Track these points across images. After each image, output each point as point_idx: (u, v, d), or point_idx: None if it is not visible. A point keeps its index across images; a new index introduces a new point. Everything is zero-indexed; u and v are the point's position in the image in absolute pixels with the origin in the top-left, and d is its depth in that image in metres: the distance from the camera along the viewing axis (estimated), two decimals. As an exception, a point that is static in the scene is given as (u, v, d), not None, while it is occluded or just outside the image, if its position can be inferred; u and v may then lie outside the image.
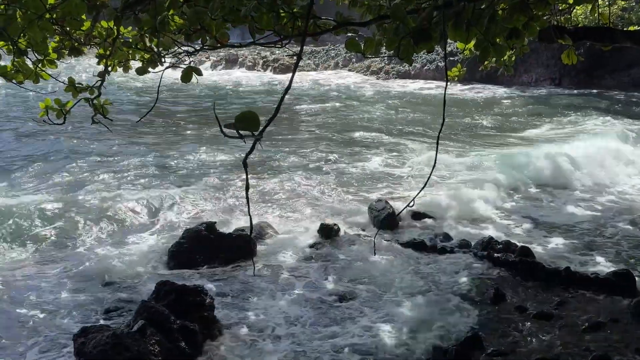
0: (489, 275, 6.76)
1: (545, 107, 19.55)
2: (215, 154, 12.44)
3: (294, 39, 2.94)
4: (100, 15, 3.69)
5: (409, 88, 24.82)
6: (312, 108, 19.34)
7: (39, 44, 3.42)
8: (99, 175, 10.72)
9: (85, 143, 13.21)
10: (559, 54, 4.39)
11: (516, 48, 4.86)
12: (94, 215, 8.54)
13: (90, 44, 4.12)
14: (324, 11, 3.82)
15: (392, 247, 7.58)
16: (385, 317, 5.81)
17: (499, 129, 16.05)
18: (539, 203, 9.63)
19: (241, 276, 6.78)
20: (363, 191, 10.05)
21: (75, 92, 3.86)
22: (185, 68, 2.93)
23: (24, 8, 3.11)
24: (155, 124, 15.94)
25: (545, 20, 4.06)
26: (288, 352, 5.23)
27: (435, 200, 9.27)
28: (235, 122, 1.47)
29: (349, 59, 30.96)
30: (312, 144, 13.75)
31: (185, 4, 3.16)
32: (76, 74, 4.07)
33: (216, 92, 23.44)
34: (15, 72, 3.82)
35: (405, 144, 13.85)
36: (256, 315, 5.87)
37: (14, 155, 12.30)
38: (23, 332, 5.54)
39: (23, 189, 9.93)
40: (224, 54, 32.35)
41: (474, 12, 2.49)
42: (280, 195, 9.70)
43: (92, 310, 5.95)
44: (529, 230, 8.34)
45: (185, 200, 9.22)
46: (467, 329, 5.52)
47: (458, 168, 11.48)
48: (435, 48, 2.72)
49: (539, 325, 5.60)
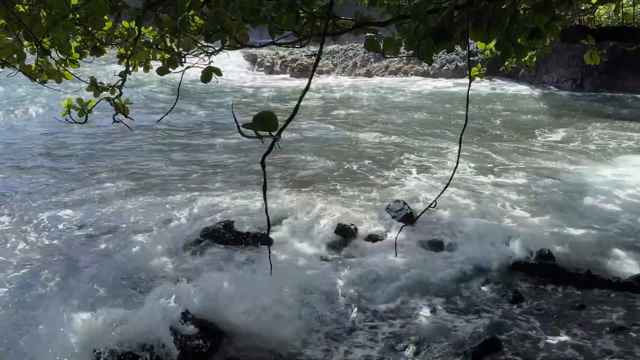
0: (508, 277, 6.70)
1: (566, 110, 19.26)
2: (234, 153, 12.52)
3: (313, 38, 2.94)
4: (122, 15, 3.74)
5: (428, 87, 24.66)
6: (328, 108, 19.34)
7: (62, 43, 3.48)
8: (115, 174, 10.86)
9: (103, 140, 13.40)
10: (581, 54, 4.33)
11: (538, 48, 4.80)
12: (109, 214, 8.64)
13: (112, 44, 4.18)
14: (343, 11, 3.82)
15: (409, 248, 7.55)
16: (402, 319, 5.79)
17: (517, 131, 15.85)
18: (559, 203, 9.48)
19: (257, 275, 6.79)
20: (380, 191, 10.01)
21: (97, 91, 3.91)
22: (205, 68, 2.95)
23: (48, 8, 3.16)
24: (174, 123, 16.08)
25: (567, 19, 3.99)
26: (301, 351, 5.23)
27: (453, 201, 9.21)
28: (253, 122, 1.47)
29: (367, 58, 30.86)
30: (329, 144, 13.75)
31: (205, 5, 3.19)
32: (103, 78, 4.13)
33: (235, 91, 23.58)
34: (39, 72, 3.89)
35: (424, 144, 13.78)
36: (271, 314, 5.88)
37: (32, 151, 12.52)
38: (32, 329, 5.63)
39: (38, 190, 10.10)
40: (243, 54, 32.48)
41: (495, 12, 2.47)
42: (297, 195, 9.72)
43: (108, 307, 6.01)
44: (549, 232, 8.23)
45: (203, 200, 9.28)
46: (485, 332, 5.47)
47: (477, 170, 11.39)
48: (455, 48, 2.70)
49: (558, 328, 5.53)
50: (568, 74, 24.43)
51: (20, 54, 3.50)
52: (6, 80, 16.75)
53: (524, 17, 2.66)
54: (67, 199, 9.36)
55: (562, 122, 16.99)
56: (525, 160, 12.22)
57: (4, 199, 9.36)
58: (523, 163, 11.99)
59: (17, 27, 3.21)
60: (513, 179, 10.71)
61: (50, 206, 9.00)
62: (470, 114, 17.07)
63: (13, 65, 3.51)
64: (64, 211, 8.79)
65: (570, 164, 11.98)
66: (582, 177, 10.85)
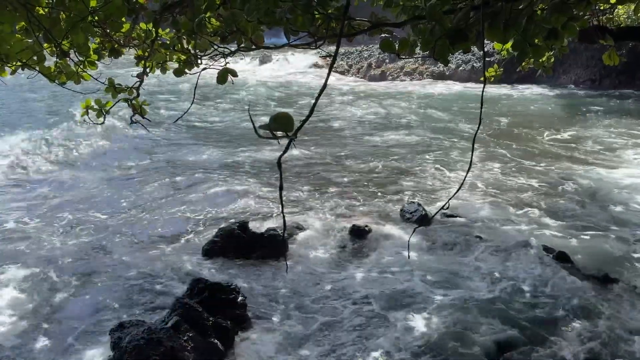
0: (524, 280, 6.64)
1: (585, 111, 19.01)
2: (249, 153, 12.57)
3: (328, 39, 2.94)
4: (140, 17, 3.78)
5: (444, 88, 24.51)
6: (344, 109, 19.32)
7: (81, 45, 3.52)
8: (134, 173, 10.98)
9: (121, 141, 13.55)
10: (599, 54, 4.28)
11: (555, 49, 4.75)
12: (128, 212, 8.74)
13: (130, 46, 4.22)
14: (359, 12, 3.81)
15: (424, 249, 7.52)
16: (414, 318, 5.77)
17: (535, 132, 15.69)
18: (575, 205, 9.38)
19: (273, 275, 6.83)
20: (395, 193, 9.99)
21: (115, 92, 3.95)
22: (221, 69, 2.97)
23: (67, 11, 3.20)
24: (191, 124, 16.19)
25: (585, 20, 3.95)
26: (318, 351, 5.24)
27: (468, 202, 9.16)
28: (269, 122, 1.49)
29: (382, 59, 30.78)
30: (344, 145, 13.74)
31: (221, 7, 3.21)
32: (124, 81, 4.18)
33: (250, 92, 23.64)
34: (58, 73, 3.94)
35: (438, 145, 13.71)
36: (287, 314, 5.91)
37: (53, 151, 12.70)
38: (63, 325, 5.72)
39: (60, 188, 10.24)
40: (258, 55, 32.60)
41: (512, 12, 2.45)
42: (312, 195, 9.73)
43: (128, 305, 6.10)
44: (566, 234, 8.13)
45: (219, 200, 9.34)
46: (502, 335, 5.43)
47: (494, 171, 11.30)
48: (471, 48, 2.68)
49: (576, 332, 5.47)
50: (586, 74, 24.12)
51: (40, 56, 3.55)
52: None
53: (541, 18, 2.64)
54: (80, 197, 9.49)
55: (581, 123, 16.78)
56: (542, 161, 12.09)
57: (27, 203, 9.52)
58: (540, 164, 11.87)
59: (37, 29, 3.26)
60: (530, 180, 10.61)
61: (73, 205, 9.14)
62: (486, 115, 16.97)
63: (33, 67, 3.56)
64: (86, 209, 8.92)
65: (588, 165, 11.83)
66: (601, 178, 10.72)
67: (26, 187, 10.23)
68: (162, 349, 4.64)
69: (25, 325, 5.72)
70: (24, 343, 5.43)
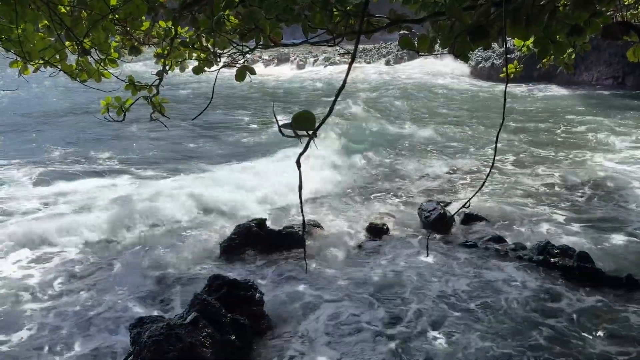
0: (545, 282, 6.55)
1: (607, 109, 18.67)
2: (267, 150, 12.62)
3: (346, 37, 2.93)
4: (159, 15, 3.80)
5: (462, 86, 24.30)
6: (362, 106, 19.28)
7: (102, 43, 3.56)
8: (152, 171, 11.09)
9: (140, 138, 13.69)
10: (623, 51, 4.20)
11: (577, 45, 4.66)
12: (149, 210, 8.82)
13: (149, 44, 4.25)
14: (377, 8, 3.79)
15: (442, 249, 7.47)
16: (430, 319, 5.73)
17: (557, 131, 15.48)
18: (596, 205, 9.22)
19: (290, 273, 6.85)
20: (413, 191, 9.93)
21: (135, 90, 3.99)
22: (239, 67, 2.98)
23: (89, 10, 3.24)
24: (210, 121, 16.30)
25: (609, 16, 3.87)
26: (335, 349, 5.24)
27: (487, 202, 9.07)
28: (292, 121, 1.49)
29: (400, 56, 30.64)
30: (362, 143, 13.70)
31: (240, 4, 3.21)
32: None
33: (268, 90, 23.74)
34: (80, 71, 3.99)
35: (457, 144, 13.60)
36: (304, 311, 5.92)
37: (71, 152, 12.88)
38: (83, 319, 5.80)
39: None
40: (276, 53, 32.67)
41: (534, 8, 2.41)
42: (330, 194, 9.73)
43: (147, 301, 6.17)
44: (587, 234, 8.01)
45: (237, 197, 9.38)
46: (520, 336, 5.37)
47: (517, 170, 11.17)
48: (491, 45, 2.65)
49: (597, 335, 5.38)
50: (609, 71, 23.71)
51: (62, 54, 3.60)
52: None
53: (563, 14, 2.59)
54: (98, 193, 9.62)
55: (604, 121, 16.49)
56: (563, 160, 11.92)
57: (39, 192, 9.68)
58: (562, 163, 11.71)
59: (59, 27, 3.31)
60: (552, 179, 10.47)
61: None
62: (509, 113, 16.76)
63: (55, 65, 3.61)
64: (99, 204, 9.04)
65: (611, 164, 11.63)
66: (624, 179, 10.51)
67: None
68: (180, 344, 4.68)
69: (44, 319, 5.80)
70: (41, 335, 5.50)
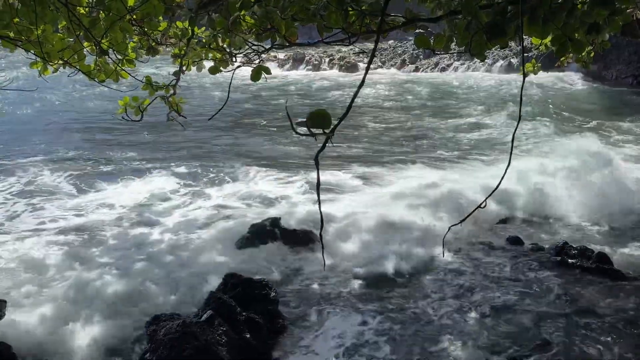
0: (563, 282, 6.47)
1: (627, 108, 18.38)
2: (283, 148, 12.66)
3: (361, 36, 2.92)
4: (176, 16, 3.84)
5: (482, 83, 24.09)
6: (380, 104, 19.25)
7: (119, 44, 3.60)
8: (170, 170, 11.17)
9: (153, 137, 13.82)
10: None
11: (596, 44, 4.60)
12: (162, 207, 8.91)
13: (166, 44, 4.30)
14: (392, 7, 3.78)
15: (459, 248, 7.41)
16: (446, 318, 5.70)
17: (575, 129, 15.29)
18: (616, 205, 9.04)
19: (305, 271, 6.85)
20: (431, 188, 9.85)
21: (152, 90, 4.02)
22: (255, 67, 3.00)
23: (106, 10, 3.28)
24: (226, 121, 16.38)
25: (629, 14, 3.82)
26: (350, 347, 5.23)
27: (507, 200, 8.94)
28: (307, 120, 1.49)
29: (416, 55, 30.48)
30: (379, 140, 13.69)
31: (256, 4, 3.23)
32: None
33: (283, 90, 23.79)
34: (98, 71, 4.04)
35: (479, 140, 13.51)
36: (320, 310, 5.92)
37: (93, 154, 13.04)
38: (99, 318, 5.85)
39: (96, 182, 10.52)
40: (291, 52, 32.71)
41: (552, 6, 2.38)
42: (345, 189, 9.74)
43: (162, 298, 6.20)
44: (605, 235, 7.90)
45: (252, 195, 9.43)
46: (538, 338, 5.31)
47: (534, 168, 11.03)
48: (508, 44, 2.63)
49: (616, 337, 5.31)
50: (629, 70, 23.33)
51: (81, 54, 3.65)
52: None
53: (582, 12, 2.56)
54: (112, 191, 9.74)
55: (623, 121, 16.23)
56: (581, 160, 11.73)
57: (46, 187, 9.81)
58: (579, 163, 11.52)
59: (78, 28, 3.35)
60: (570, 180, 10.29)
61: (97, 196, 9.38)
62: (526, 110, 16.58)
63: (74, 65, 3.66)
64: (114, 202, 9.16)
65: (629, 163, 11.43)
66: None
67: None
68: (196, 342, 4.71)
69: (59, 313, 5.83)
70: (56, 331, 5.54)
